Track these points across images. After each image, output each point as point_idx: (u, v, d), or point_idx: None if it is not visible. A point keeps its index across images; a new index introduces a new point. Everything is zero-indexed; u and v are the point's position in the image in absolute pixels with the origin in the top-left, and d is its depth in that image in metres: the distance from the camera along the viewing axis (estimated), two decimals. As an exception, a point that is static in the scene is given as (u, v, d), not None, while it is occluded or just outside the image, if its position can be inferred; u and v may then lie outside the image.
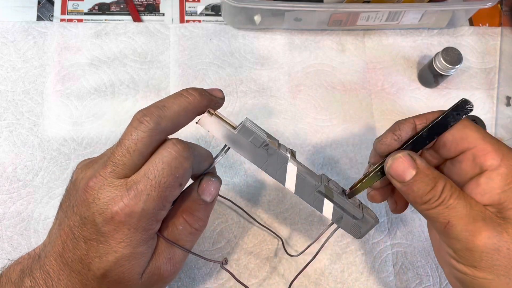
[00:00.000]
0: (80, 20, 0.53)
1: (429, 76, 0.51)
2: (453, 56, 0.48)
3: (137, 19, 0.53)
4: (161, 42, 0.52)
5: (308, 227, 0.46)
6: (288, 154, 0.32)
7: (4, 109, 0.48)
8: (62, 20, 0.53)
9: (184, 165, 0.28)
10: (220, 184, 0.33)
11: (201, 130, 0.48)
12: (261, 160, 0.32)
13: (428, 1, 0.50)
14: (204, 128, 0.30)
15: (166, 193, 0.28)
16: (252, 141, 0.31)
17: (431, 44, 0.55)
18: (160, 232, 0.30)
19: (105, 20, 0.53)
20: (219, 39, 0.53)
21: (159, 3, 0.55)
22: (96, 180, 0.27)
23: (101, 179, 0.27)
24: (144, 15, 0.54)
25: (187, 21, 0.54)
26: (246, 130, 0.31)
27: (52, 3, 0.53)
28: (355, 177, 0.48)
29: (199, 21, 0.54)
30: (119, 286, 0.28)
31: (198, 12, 0.55)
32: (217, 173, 0.35)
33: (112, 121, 0.48)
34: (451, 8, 0.51)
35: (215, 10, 0.55)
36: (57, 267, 0.28)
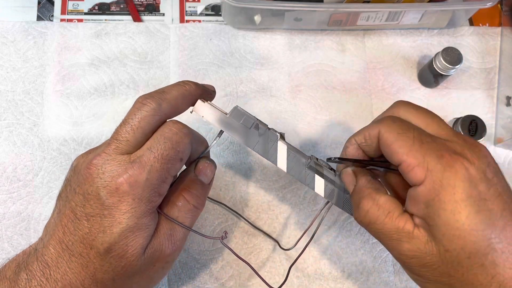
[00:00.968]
0: (80, 20, 0.53)
1: (429, 76, 0.51)
2: (453, 56, 0.48)
3: (137, 19, 0.53)
4: (161, 42, 0.52)
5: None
6: (278, 134, 0.34)
7: (4, 109, 0.48)
8: (62, 20, 0.53)
9: (184, 140, 0.30)
10: (215, 167, 0.35)
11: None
12: (252, 141, 0.33)
13: (428, 1, 0.50)
14: (199, 114, 0.33)
15: (168, 165, 0.29)
16: (243, 123, 0.33)
17: (431, 44, 0.55)
18: (160, 209, 0.31)
19: (105, 20, 0.53)
20: (219, 39, 0.53)
21: (159, 3, 0.55)
22: (99, 157, 0.28)
23: (105, 155, 0.28)
24: (144, 15, 0.54)
25: (187, 21, 0.54)
26: (237, 113, 0.33)
27: (52, 3, 0.53)
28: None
29: (199, 21, 0.54)
30: (122, 262, 0.28)
31: (198, 12, 0.55)
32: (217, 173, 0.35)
33: (112, 121, 0.48)
34: (451, 8, 0.51)
35: (215, 10, 0.55)
36: (56, 254, 0.28)
